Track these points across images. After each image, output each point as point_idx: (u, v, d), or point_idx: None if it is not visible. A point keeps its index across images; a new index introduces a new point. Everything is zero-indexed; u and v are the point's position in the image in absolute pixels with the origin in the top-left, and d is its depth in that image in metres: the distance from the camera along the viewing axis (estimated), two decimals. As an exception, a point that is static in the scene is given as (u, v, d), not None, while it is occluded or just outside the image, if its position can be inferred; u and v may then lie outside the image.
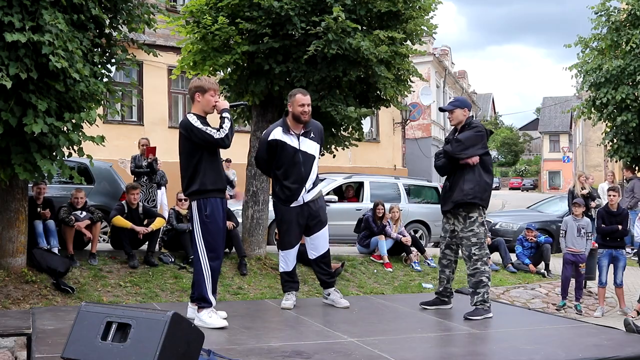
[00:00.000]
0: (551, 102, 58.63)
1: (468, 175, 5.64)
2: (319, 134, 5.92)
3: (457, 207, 5.69)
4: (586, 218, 9.19)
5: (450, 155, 5.69)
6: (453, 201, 5.69)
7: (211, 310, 4.96)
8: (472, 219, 5.67)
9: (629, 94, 12.68)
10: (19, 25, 5.54)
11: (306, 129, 5.79)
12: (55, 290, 6.75)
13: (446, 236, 5.92)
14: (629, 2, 13.07)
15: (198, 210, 4.93)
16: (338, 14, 7.59)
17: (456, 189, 5.67)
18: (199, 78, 5.16)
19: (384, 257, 9.82)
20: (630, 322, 5.42)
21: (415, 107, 24.46)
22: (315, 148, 5.83)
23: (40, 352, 4.04)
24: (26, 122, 5.79)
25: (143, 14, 7.30)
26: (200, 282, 4.93)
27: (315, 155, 5.84)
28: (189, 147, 4.91)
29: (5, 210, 6.87)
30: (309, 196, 5.79)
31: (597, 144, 20.20)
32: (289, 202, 5.76)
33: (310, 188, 5.79)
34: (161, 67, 15.82)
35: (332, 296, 6.09)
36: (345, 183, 12.93)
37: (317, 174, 5.90)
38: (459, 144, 5.63)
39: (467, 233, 5.69)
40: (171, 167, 14.05)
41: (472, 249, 5.67)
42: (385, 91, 8.60)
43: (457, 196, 5.66)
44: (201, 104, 4.99)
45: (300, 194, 5.73)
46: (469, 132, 5.68)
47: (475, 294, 5.66)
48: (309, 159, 5.76)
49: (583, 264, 8.92)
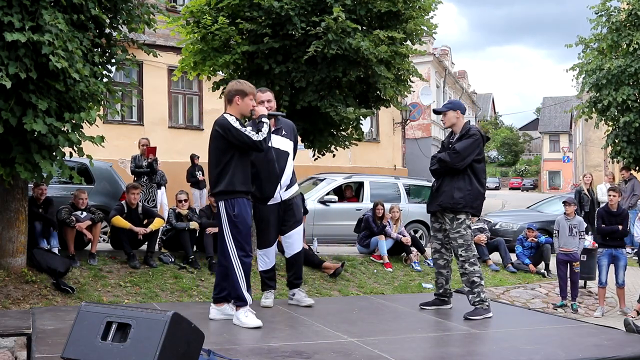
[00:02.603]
0: (551, 102, 58.64)
1: (459, 182, 5.65)
2: (291, 132, 5.89)
3: (444, 209, 5.71)
4: (578, 217, 9.21)
5: (449, 167, 5.69)
6: (440, 204, 5.72)
7: (247, 309, 5.03)
8: (459, 220, 5.68)
9: (630, 94, 12.67)
10: (19, 25, 5.54)
11: (277, 126, 5.77)
12: (55, 290, 6.75)
13: (437, 235, 5.93)
14: (629, 2, 13.06)
15: (226, 210, 4.97)
16: (338, 14, 7.59)
17: (445, 194, 5.67)
18: (239, 81, 5.21)
19: (384, 257, 9.82)
20: (630, 322, 5.42)
21: (415, 107, 24.46)
22: (288, 145, 5.80)
23: (40, 352, 4.03)
24: (26, 122, 5.79)
25: (143, 14, 7.30)
26: (234, 281, 5.00)
27: (289, 152, 5.81)
28: (223, 145, 4.95)
29: (5, 210, 6.87)
30: (287, 194, 5.78)
31: (600, 147, 20.18)
32: (265, 200, 5.75)
33: (287, 185, 5.77)
34: (161, 67, 15.82)
35: (297, 296, 6.07)
36: (345, 183, 12.93)
37: (292, 171, 5.87)
38: (457, 155, 5.63)
39: (455, 234, 5.70)
40: (171, 167, 14.12)
41: (459, 250, 5.70)
42: (385, 91, 8.61)
43: (445, 201, 5.67)
44: (240, 107, 5.06)
45: (275, 190, 5.72)
46: (466, 142, 5.67)
47: (471, 293, 5.68)
48: (282, 155, 5.73)
49: (577, 263, 8.92)
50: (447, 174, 5.71)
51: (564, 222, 8.94)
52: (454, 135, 5.84)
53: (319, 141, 8.94)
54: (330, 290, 8.12)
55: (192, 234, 8.48)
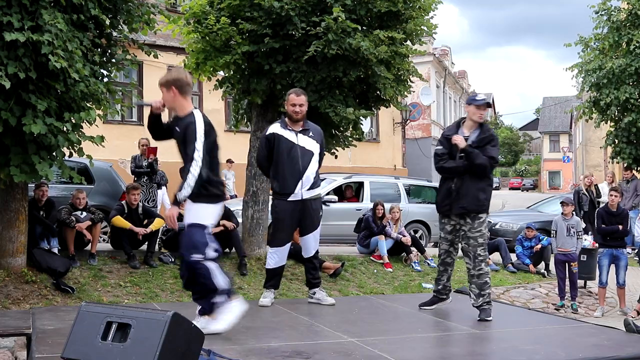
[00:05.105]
0: (551, 102, 58.65)
1: (481, 183, 5.63)
2: (318, 136, 5.99)
3: (469, 212, 5.64)
4: (576, 217, 9.20)
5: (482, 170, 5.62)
6: (464, 207, 5.62)
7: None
8: (480, 219, 5.66)
9: (632, 93, 12.68)
10: (18, 25, 5.54)
11: (304, 127, 5.88)
12: (55, 290, 6.75)
13: (447, 237, 5.87)
14: (629, 1, 13.07)
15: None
16: (338, 14, 7.60)
17: (470, 197, 5.59)
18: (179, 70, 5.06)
19: (384, 257, 9.81)
20: (630, 322, 5.42)
21: (415, 107, 24.48)
22: (314, 145, 5.88)
23: (40, 352, 4.04)
24: (25, 122, 5.79)
25: (143, 15, 7.30)
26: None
27: (314, 152, 5.86)
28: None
29: (5, 210, 6.86)
30: (308, 194, 5.81)
31: (599, 147, 20.18)
32: (286, 194, 5.78)
33: (309, 185, 5.81)
34: (161, 67, 15.78)
35: (318, 295, 6.16)
36: (345, 183, 12.91)
37: (317, 172, 5.91)
38: (495, 162, 5.67)
39: (475, 234, 5.65)
40: (171, 167, 14.06)
41: (478, 249, 5.66)
42: (385, 91, 8.60)
43: (471, 204, 5.60)
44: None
45: (297, 186, 5.75)
46: (496, 148, 5.71)
47: (480, 295, 5.64)
48: (307, 154, 5.80)
49: (574, 263, 8.92)
50: (468, 174, 5.62)
51: (561, 223, 8.94)
52: (473, 130, 5.70)
53: (318, 141, 8.94)
54: (330, 290, 8.11)
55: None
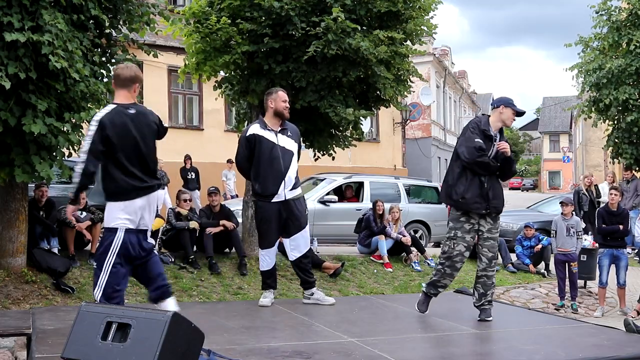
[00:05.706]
0: (551, 102, 58.61)
1: (500, 184, 5.66)
2: (296, 135, 6.03)
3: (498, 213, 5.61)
4: (575, 217, 9.20)
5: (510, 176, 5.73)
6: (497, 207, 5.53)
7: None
8: (499, 220, 5.66)
9: (632, 93, 12.67)
10: (18, 25, 5.54)
11: (283, 127, 5.91)
12: (55, 290, 6.75)
13: (466, 236, 5.51)
14: (630, 1, 13.07)
15: None
16: (338, 14, 7.60)
17: (500, 198, 5.57)
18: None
19: (384, 257, 9.81)
20: (630, 322, 5.42)
21: (415, 107, 24.47)
22: (293, 145, 5.91)
23: (40, 352, 4.03)
24: (25, 122, 5.79)
25: (143, 15, 7.30)
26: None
27: (294, 151, 5.90)
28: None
29: (5, 210, 6.86)
30: (291, 194, 5.83)
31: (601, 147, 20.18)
32: (269, 196, 5.79)
33: (291, 185, 5.83)
34: (161, 67, 15.81)
35: (317, 295, 6.12)
36: (345, 183, 12.91)
37: (297, 172, 5.92)
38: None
39: (495, 234, 5.59)
40: (171, 167, 14.10)
41: (495, 250, 5.66)
42: (385, 91, 8.60)
43: (501, 205, 5.58)
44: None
45: (279, 187, 5.77)
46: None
47: (484, 295, 5.61)
48: (288, 154, 5.84)
49: (574, 263, 8.92)
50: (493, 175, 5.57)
51: (561, 223, 8.94)
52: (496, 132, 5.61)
53: (318, 141, 8.95)
54: (330, 290, 8.11)
55: (192, 234, 8.47)
